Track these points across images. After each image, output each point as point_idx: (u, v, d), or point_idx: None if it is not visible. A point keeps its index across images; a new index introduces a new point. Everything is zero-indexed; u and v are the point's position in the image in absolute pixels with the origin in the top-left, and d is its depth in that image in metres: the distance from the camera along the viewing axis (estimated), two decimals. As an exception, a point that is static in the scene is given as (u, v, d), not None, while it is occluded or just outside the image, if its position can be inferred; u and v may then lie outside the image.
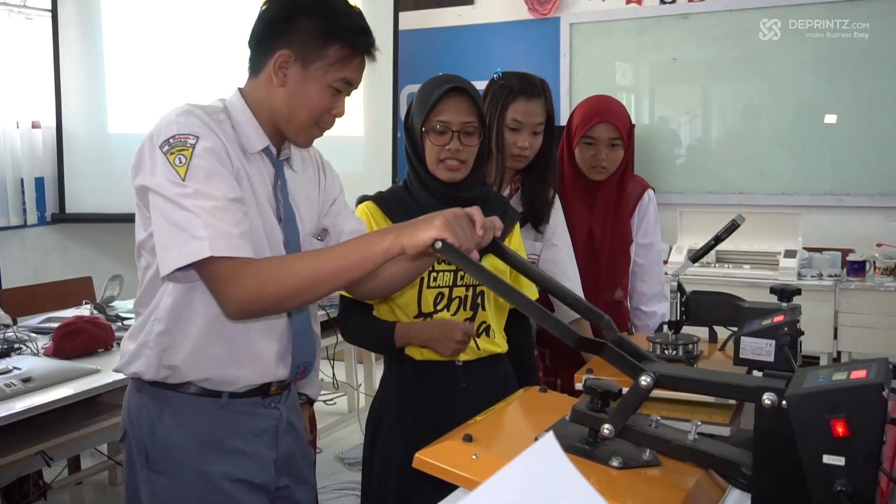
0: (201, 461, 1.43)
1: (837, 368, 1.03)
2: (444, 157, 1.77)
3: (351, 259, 1.28)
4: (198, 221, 1.27)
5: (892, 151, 4.57)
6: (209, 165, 1.31)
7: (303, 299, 1.33)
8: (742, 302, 1.60)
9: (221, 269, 1.28)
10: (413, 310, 1.80)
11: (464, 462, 1.08)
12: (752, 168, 4.92)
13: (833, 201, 4.77)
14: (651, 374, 1.08)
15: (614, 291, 2.28)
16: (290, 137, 1.47)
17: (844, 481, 0.96)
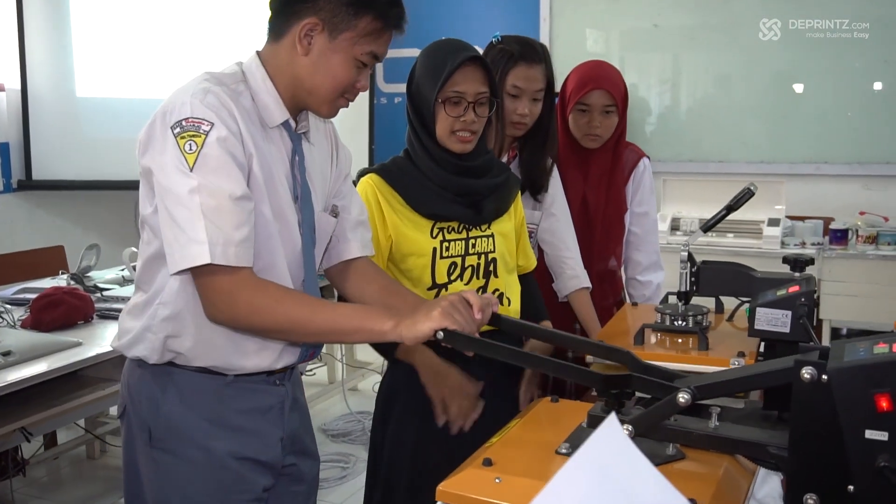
0: (207, 439, 1.38)
1: (876, 340, 1.00)
2: (458, 128, 1.71)
3: (345, 325, 1.27)
4: (199, 223, 1.23)
5: (868, 119, 4.59)
6: (219, 157, 1.25)
7: (285, 337, 1.35)
8: (754, 272, 1.57)
9: (218, 282, 1.25)
10: (427, 281, 1.75)
11: (488, 488, 1.05)
12: (730, 136, 4.91)
13: (812, 169, 4.78)
14: (688, 390, 1.04)
15: (608, 260, 2.25)
16: (314, 109, 1.41)
17: (887, 456, 0.93)
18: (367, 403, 4.12)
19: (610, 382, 1.12)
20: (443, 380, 1.71)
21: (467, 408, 1.72)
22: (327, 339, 1.29)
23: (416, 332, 1.20)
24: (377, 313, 1.27)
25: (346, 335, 1.29)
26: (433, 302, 1.25)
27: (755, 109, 4.84)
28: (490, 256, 1.79)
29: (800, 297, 1.43)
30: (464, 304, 1.24)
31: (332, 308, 1.30)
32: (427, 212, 1.74)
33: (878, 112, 4.60)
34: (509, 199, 1.84)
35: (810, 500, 1.00)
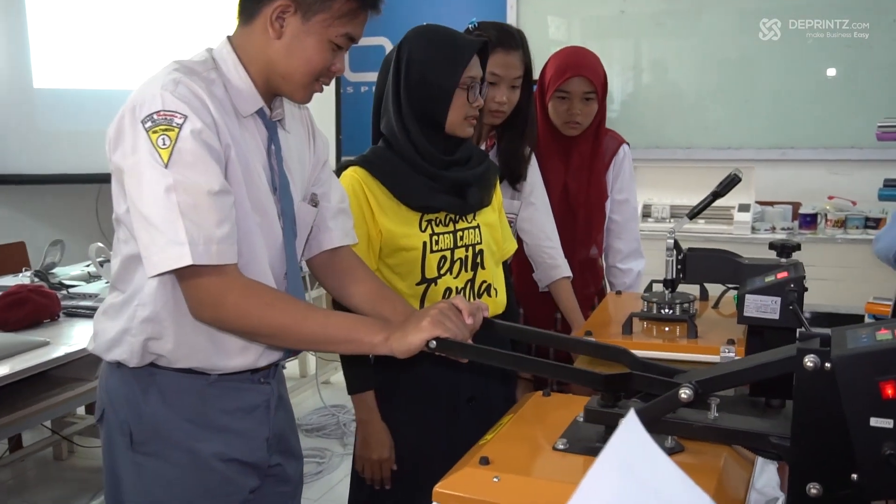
0: (191, 440, 1.34)
1: (878, 326, 0.98)
2: (471, 114, 1.68)
3: (335, 335, 1.23)
4: (178, 223, 1.17)
5: (833, 103, 4.64)
6: (195, 151, 1.20)
7: (272, 342, 1.31)
8: (741, 258, 1.56)
9: (205, 283, 1.21)
10: (416, 276, 1.71)
11: (486, 488, 1.02)
12: (696, 123, 4.94)
13: (778, 155, 4.82)
14: (689, 385, 1.02)
15: (589, 248, 2.24)
16: (288, 94, 1.36)
17: (893, 444, 0.92)
18: (340, 396, 4.08)
19: (611, 383, 1.09)
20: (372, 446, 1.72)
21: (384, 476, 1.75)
22: (315, 347, 1.25)
23: (407, 344, 1.17)
24: (368, 325, 1.23)
25: (334, 345, 1.25)
26: (421, 312, 1.21)
27: (720, 95, 4.87)
28: (477, 248, 1.76)
29: (789, 283, 1.41)
30: (454, 311, 1.21)
31: (324, 316, 1.26)
32: (416, 204, 1.70)
33: (842, 97, 4.65)
34: (491, 188, 1.81)
35: (813, 490, 0.98)
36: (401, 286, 1.72)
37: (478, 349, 1.20)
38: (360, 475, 1.78)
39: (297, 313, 1.22)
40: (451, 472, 1.09)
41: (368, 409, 1.74)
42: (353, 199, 1.68)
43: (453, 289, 1.73)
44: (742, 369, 1.05)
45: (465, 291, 1.75)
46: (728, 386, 1.07)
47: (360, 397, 1.74)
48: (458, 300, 1.26)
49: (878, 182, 4.06)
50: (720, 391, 1.09)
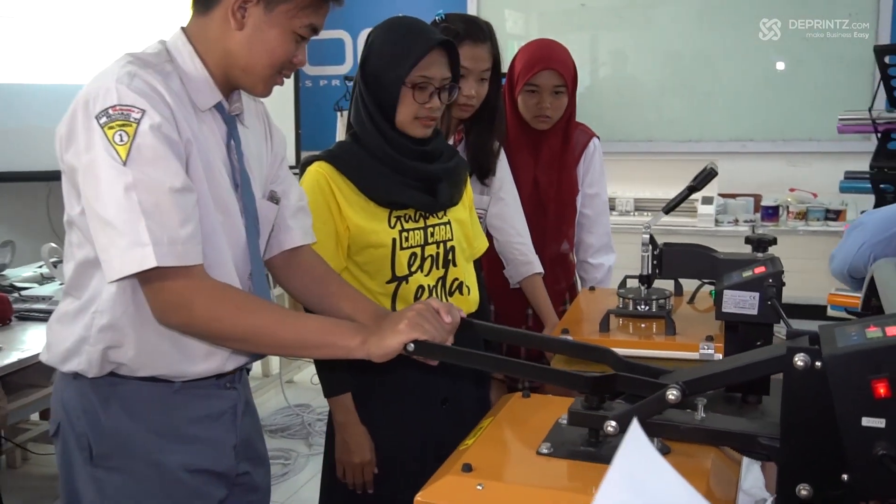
0: (157, 452, 1.28)
1: (866, 324, 0.96)
2: (423, 115, 1.61)
3: (310, 339, 1.18)
4: (140, 223, 1.11)
5: (790, 96, 4.68)
6: (155, 147, 1.14)
7: (243, 347, 1.25)
8: (717, 254, 1.54)
9: (171, 286, 1.15)
10: (386, 274, 1.66)
11: (470, 496, 0.98)
12: (656, 116, 4.95)
13: (738, 147, 4.87)
14: (677, 386, 0.99)
15: (560, 244, 2.21)
16: (248, 87, 1.30)
17: (885, 444, 0.90)
18: (305, 396, 4.02)
19: (597, 385, 1.06)
20: (353, 449, 1.68)
21: (365, 480, 1.71)
22: (289, 352, 1.20)
23: (384, 347, 1.13)
24: (344, 329, 1.18)
25: (309, 349, 1.20)
26: (398, 314, 1.17)
27: (679, 88, 4.89)
28: (448, 245, 1.72)
29: (767, 278, 1.40)
30: (431, 312, 1.17)
31: (298, 319, 1.21)
32: (384, 200, 1.64)
33: (798, 90, 4.70)
34: (462, 184, 1.77)
35: (803, 491, 0.96)
36: (371, 285, 1.67)
37: (458, 352, 1.16)
38: (341, 480, 1.72)
39: (269, 317, 1.17)
40: (432, 479, 1.05)
41: (347, 411, 1.69)
42: (320, 194, 1.63)
43: (425, 286, 1.68)
44: (730, 369, 1.02)
45: (437, 289, 1.71)
46: (716, 386, 1.05)
47: (338, 400, 1.69)
48: (433, 301, 1.22)
49: (838, 174, 4.11)
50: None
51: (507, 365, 1.18)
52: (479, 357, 1.17)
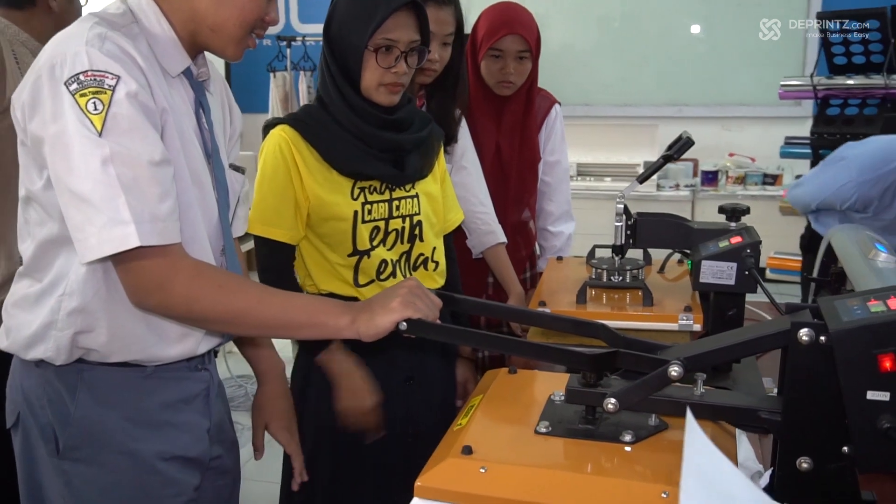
0: (130, 441, 1.20)
1: (867, 297, 0.97)
2: (388, 80, 1.54)
3: (296, 319, 1.13)
4: (119, 199, 1.03)
5: (726, 62, 4.76)
6: (132, 116, 1.06)
7: (224, 328, 1.19)
8: (691, 223, 1.54)
9: (149, 266, 1.07)
10: (347, 247, 1.60)
11: (475, 480, 0.96)
12: (593, 80, 4.97)
13: (674, 112, 4.94)
14: (678, 363, 0.98)
15: (522, 212, 2.18)
16: (218, 50, 1.22)
17: (890, 416, 0.91)
18: (247, 366, 3.91)
19: (597, 363, 1.04)
20: (358, 394, 1.62)
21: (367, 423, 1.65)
22: (273, 332, 1.14)
23: (375, 326, 1.08)
24: (332, 307, 1.13)
25: (295, 329, 1.14)
26: (388, 292, 1.12)
27: (612, 53, 4.91)
28: (415, 219, 1.66)
29: (745, 248, 1.40)
30: (422, 290, 1.12)
31: (282, 298, 1.15)
32: (348, 170, 1.58)
33: (730, 55, 4.78)
34: (433, 155, 1.71)
35: (804, 464, 0.97)
36: (332, 257, 1.61)
37: (451, 330, 1.12)
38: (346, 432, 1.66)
39: (253, 296, 1.11)
40: (431, 463, 1.01)
41: (341, 359, 1.61)
42: (280, 160, 1.56)
43: (388, 261, 1.63)
44: (733, 344, 1.01)
45: (401, 264, 1.66)
46: (718, 362, 1.04)
47: (328, 353, 1.61)
48: (413, 280, 1.17)
49: (772, 138, 4.21)
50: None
51: (502, 342, 1.14)
52: (472, 335, 1.14)
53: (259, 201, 1.57)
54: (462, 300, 1.20)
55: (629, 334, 1.27)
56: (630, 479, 0.94)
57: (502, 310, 1.34)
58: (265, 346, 1.51)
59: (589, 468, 0.97)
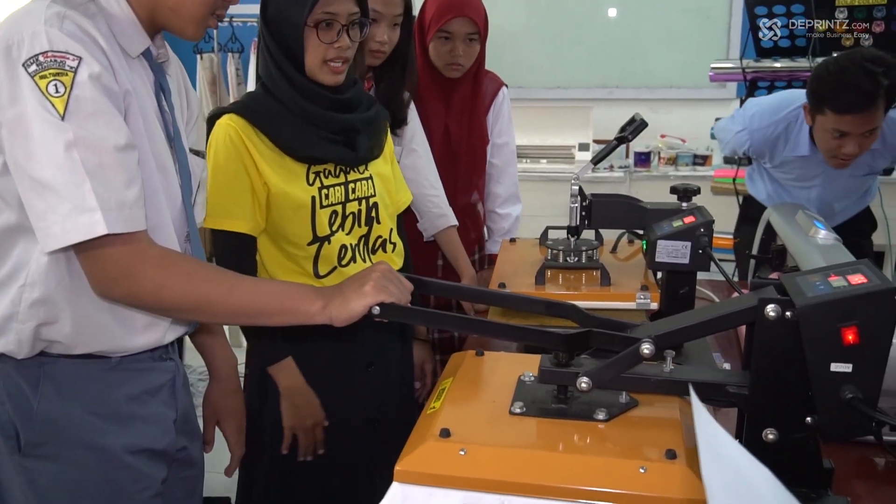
0: (96, 435, 1.17)
1: (827, 273, 1.01)
2: (332, 56, 1.50)
3: (268, 304, 1.10)
4: (85, 185, 1.00)
5: (651, 45, 4.85)
6: (96, 99, 1.02)
7: (193, 317, 1.17)
8: (644, 204, 1.58)
9: (114, 254, 1.04)
10: (307, 236, 1.57)
11: (455, 462, 0.96)
12: (523, 62, 5.00)
13: (605, 94, 5.00)
14: (650, 340, 1.00)
15: (471, 194, 2.19)
16: (178, 29, 1.18)
17: (853, 387, 0.95)
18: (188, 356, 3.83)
19: (572, 343, 1.05)
20: (304, 411, 1.63)
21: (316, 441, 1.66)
22: (244, 320, 1.11)
23: (348, 311, 1.07)
24: (303, 293, 1.11)
25: (267, 316, 1.11)
26: (359, 276, 1.11)
27: (541, 35, 4.94)
28: (371, 201, 1.65)
29: (698, 227, 1.45)
30: (393, 273, 1.11)
31: (253, 285, 1.13)
32: (301, 155, 1.55)
33: (657, 38, 4.86)
34: (382, 135, 1.70)
35: (770, 435, 1.00)
36: (291, 249, 1.58)
37: (425, 313, 1.12)
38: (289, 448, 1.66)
39: (223, 284, 1.09)
40: (408, 447, 1.01)
41: (292, 375, 1.61)
42: (233, 150, 1.52)
43: (348, 246, 1.62)
44: (702, 321, 1.04)
45: (360, 248, 1.64)
46: (688, 339, 1.06)
47: (281, 366, 1.61)
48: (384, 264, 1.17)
49: (700, 120, 4.32)
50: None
51: (477, 325, 1.15)
52: (445, 317, 1.14)
53: (214, 194, 1.52)
54: (431, 283, 1.20)
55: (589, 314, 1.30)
56: (609, 456, 0.96)
57: (473, 292, 1.35)
58: (219, 335, 1.48)
59: (567, 447, 0.98)
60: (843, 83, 1.96)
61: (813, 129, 2.15)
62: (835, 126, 2.02)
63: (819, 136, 2.12)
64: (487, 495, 0.95)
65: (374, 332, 1.65)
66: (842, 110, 1.99)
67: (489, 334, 1.14)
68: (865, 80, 1.94)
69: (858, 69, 1.95)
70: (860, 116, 1.99)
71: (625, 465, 0.94)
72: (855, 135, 2.03)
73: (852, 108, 1.98)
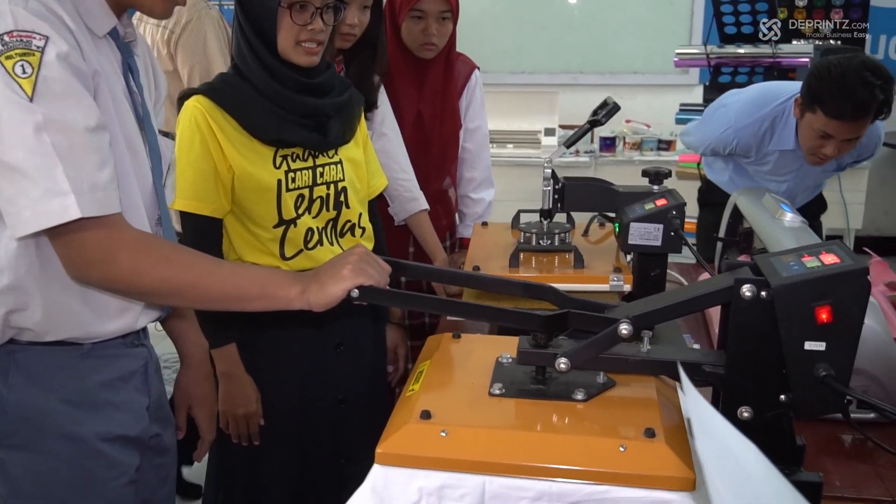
0: (69, 423, 1.15)
1: (800, 253, 1.02)
2: (305, 38, 1.49)
3: (246, 291, 1.09)
4: (56, 169, 0.97)
5: (615, 31, 4.88)
6: (64, 80, 0.99)
7: (170, 301, 1.17)
8: (617, 187, 1.59)
9: (90, 238, 1.02)
10: (272, 218, 1.56)
11: (436, 443, 0.96)
12: (488, 47, 4.99)
13: (569, 79, 5.03)
14: (628, 321, 1.01)
15: (443, 179, 2.18)
16: (146, 7, 1.15)
17: (826, 365, 0.97)
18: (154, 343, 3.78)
19: (551, 324, 1.06)
20: (237, 400, 1.62)
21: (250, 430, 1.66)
22: (221, 305, 1.09)
23: (326, 296, 1.06)
24: (281, 278, 1.10)
25: (245, 302, 1.10)
26: (336, 260, 1.10)
27: (509, 21, 4.94)
28: (340, 186, 1.63)
29: (670, 210, 1.46)
30: (371, 256, 1.10)
31: (231, 270, 1.12)
32: (269, 137, 1.53)
33: (620, 24, 4.90)
34: (355, 120, 1.68)
35: (745, 413, 1.02)
36: (257, 230, 1.57)
37: (405, 295, 1.12)
38: (224, 432, 1.65)
39: (201, 269, 1.07)
40: (389, 429, 1.01)
41: (232, 362, 1.61)
42: (197, 132, 1.50)
43: (314, 229, 1.61)
44: (679, 302, 1.05)
45: (327, 232, 1.63)
46: (665, 319, 1.07)
47: (223, 351, 1.61)
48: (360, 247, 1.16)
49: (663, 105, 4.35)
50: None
51: (457, 307, 1.14)
52: (425, 300, 1.13)
53: (179, 176, 1.51)
54: (409, 266, 1.20)
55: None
56: (589, 436, 0.97)
57: (451, 275, 1.35)
58: (190, 320, 1.46)
59: (547, 426, 0.99)
60: (842, 89, 1.97)
61: (799, 124, 2.17)
62: (822, 127, 2.05)
63: (803, 132, 2.14)
64: (469, 476, 0.96)
65: (345, 314, 1.65)
66: (834, 115, 2.01)
67: (469, 316, 1.14)
68: (863, 91, 1.95)
69: (858, 78, 1.95)
70: (849, 124, 2.01)
71: (605, 444, 0.95)
72: (838, 139, 2.06)
73: (844, 116, 2.00)
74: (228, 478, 1.72)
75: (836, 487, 1.16)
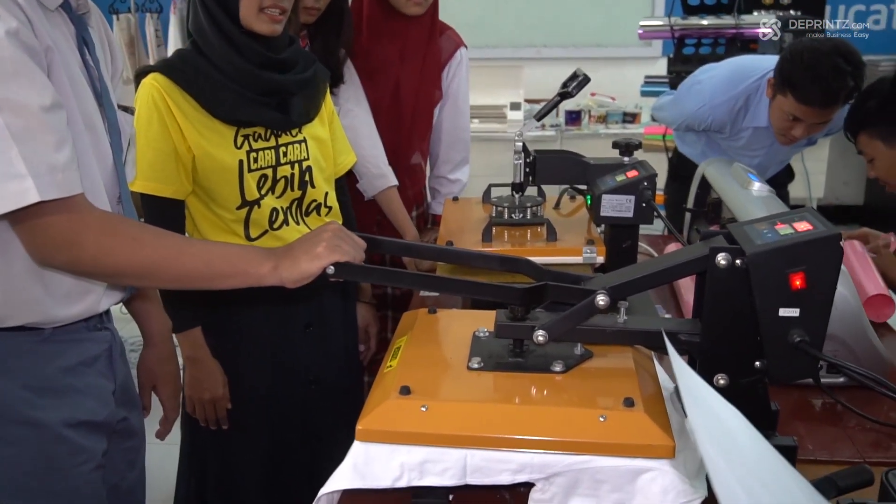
0: (32, 410, 1.12)
1: (773, 221, 1.03)
2: (268, 4, 1.44)
3: (218, 269, 1.07)
4: (12, 152, 0.94)
5: (580, 4, 4.87)
6: (16, 58, 0.96)
7: (139, 282, 1.14)
8: (587, 160, 1.58)
9: (53, 222, 0.99)
10: (235, 200, 1.52)
11: (416, 418, 0.96)
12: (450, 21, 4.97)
13: (533, 53, 5.02)
14: (604, 292, 1.02)
15: (413, 155, 2.15)
16: None
17: (800, 331, 0.98)
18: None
19: (528, 296, 1.06)
20: (204, 384, 1.61)
21: (218, 415, 1.65)
22: (192, 284, 1.07)
23: (300, 272, 1.04)
24: (252, 254, 1.08)
25: (217, 280, 1.08)
26: (311, 236, 1.08)
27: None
28: (304, 165, 1.60)
29: (641, 181, 1.46)
30: (345, 232, 1.09)
31: (202, 248, 1.09)
32: (229, 117, 1.49)
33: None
34: (319, 97, 1.65)
35: (721, 380, 1.03)
36: (220, 212, 1.54)
37: (383, 271, 1.11)
38: (192, 416, 1.64)
39: (171, 248, 1.05)
40: (368, 406, 1.01)
41: (197, 346, 1.60)
42: (155, 111, 1.46)
43: (279, 209, 1.58)
44: (655, 272, 1.06)
45: (292, 211, 1.61)
46: (642, 289, 1.08)
47: (188, 335, 1.59)
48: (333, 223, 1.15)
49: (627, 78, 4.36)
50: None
51: (434, 282, 1.13)
52: (403, 275, 1.12)
53: (139, 157, 1.46)
54: (384, 242, 1.18)
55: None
56: (568, 406, 0.97)
57: (426, 250, 1.33)
58: (154, 300, 1.43)
59: (527, 399, 0.99)
60: (813, 76, 1.98)
61: (770, 104, 2.18)
62: (792, 111, 2.06)
63: (774, 113, 2.16)
64: (450, 450, 0.96)
65: (315, 293, 1.63)
66: (804, 101, 2.02)
67: (447, 291, 1.13)
68: (834, 79, 1.96)
69: (830, 65, 1.96)
70: (819, 110, 2.03)
71: (585, 415, 0.96)
72: (808, 123, 2.08)
73: (814, 103, 2.01)
74: (200, 461, 1.71)
75: (809, 451, 1.18)
